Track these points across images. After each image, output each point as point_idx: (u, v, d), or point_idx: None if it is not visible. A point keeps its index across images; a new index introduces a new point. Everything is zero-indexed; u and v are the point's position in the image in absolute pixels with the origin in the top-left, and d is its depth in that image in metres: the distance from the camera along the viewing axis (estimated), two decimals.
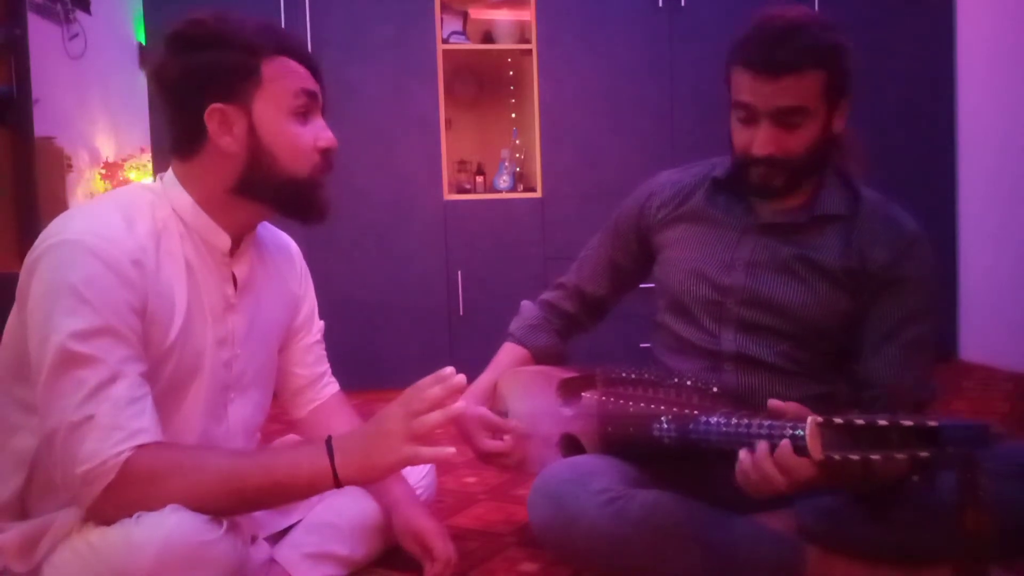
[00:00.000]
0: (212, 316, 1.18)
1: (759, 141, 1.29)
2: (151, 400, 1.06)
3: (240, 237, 1.22)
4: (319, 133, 1.18)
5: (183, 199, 1.16)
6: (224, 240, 1.18)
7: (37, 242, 1.07)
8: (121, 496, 1.01)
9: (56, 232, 1.06)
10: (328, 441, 1.10)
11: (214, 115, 1.12)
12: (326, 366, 1.48)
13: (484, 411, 1.52)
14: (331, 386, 1.48)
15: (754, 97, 1.28)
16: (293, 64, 1.16)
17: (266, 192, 1.16)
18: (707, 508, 1.27)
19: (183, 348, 1.13)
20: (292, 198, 1.17)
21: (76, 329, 1.01)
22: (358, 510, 1.38)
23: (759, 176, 1.33)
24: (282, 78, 1.14)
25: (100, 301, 1.03)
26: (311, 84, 1.18)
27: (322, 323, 1.47)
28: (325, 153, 1.18)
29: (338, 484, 1.09)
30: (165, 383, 1.12)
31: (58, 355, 1.01)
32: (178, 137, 1.17)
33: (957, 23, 3.45)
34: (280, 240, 1.40)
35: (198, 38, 1.13)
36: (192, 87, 1.12)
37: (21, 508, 1.15)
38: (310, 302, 1.44)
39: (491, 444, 1.51)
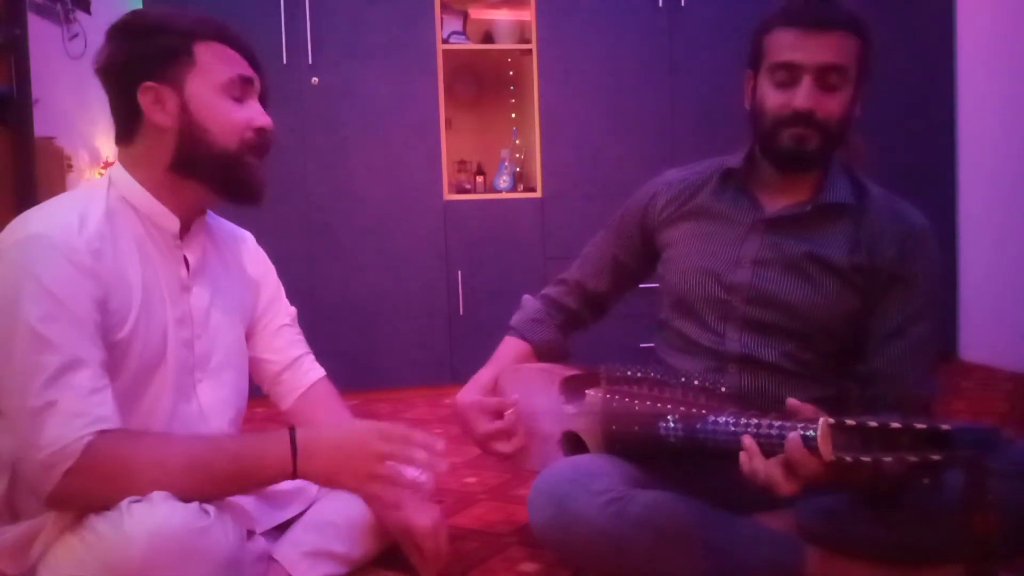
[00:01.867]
0: (169, 297, 1.21)
1: (801, 95, 1.29)
2: (111, 392, 1.08)
3: (189, 220, 1.25)
4: (254, 114, 1.21)
5: (131, 184, 1.20)
6: (173, 222, 1.21)
7: None
8: (82, 481, 1.02)
9: (13, 231, 1.10)
10: (292, 434, 1.14)
11: (147, 92, 1.16)
12: (302, 351, 1.46)
13: (479, 398, 1.52)
14: (313, 372, 1.46)
15: (800, 53, 1.29)
16: (229, 51, 1.21)
17: (200, 167, 1.19)
18: (708, 508, 1.26)
19: (146, 329, 1.16)
20: (225, 174, 1.20)
21: (39, 314, 1.04)
22: (358, 509, 1.38)
23: (793, 137, 1.32)
24: (216, 62, 1.19)
25: (64, 292, 1.06)
26: (247, 71, 1.21)
27: (293, 309, 1.47)
28: (259, 132, 1.21)
29: (296, 476, 1.14)
30: (134, 366, 1.14)
31: (20, 337, 1.03)
32: (118, 121, 1.21)
33: (957, 23, 3.45)
34: (235, 231, 1.43)
35: (134, 26, 1.19)
36: (129, 70, 1.17)
37: (11, 511, 1.16)
38: (272, 286, 1.44)
39: (491, 426, 1.50)
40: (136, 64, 1.17)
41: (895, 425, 0.93)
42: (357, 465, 1.15)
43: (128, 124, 1.20)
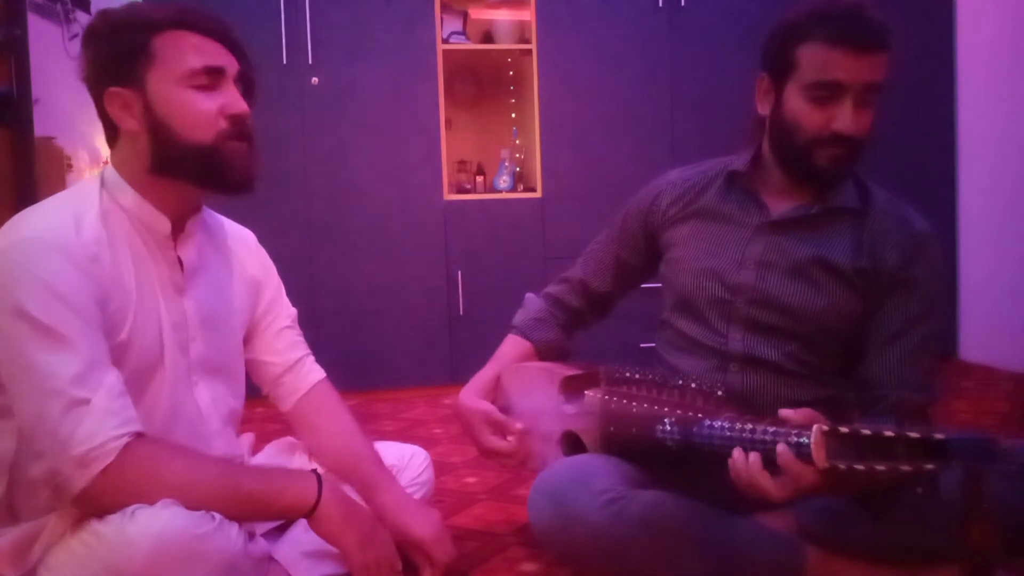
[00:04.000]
0: (164, 299, 1.20)
1: (847, 118, 1.27)
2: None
3: (181, 220, 1.23)
4: (227, 101, 1.16)
5: (121, 187, 1.18)
6: (164, 223, 1.20)
7: None
8: (117, 480, 1.02)
9: (7, 234, 1.08)
10: (319, 477, 1.18)
11: (113, 99, 1.15)
12: (303, 352, 1.45)
13: (489, 408, 1.52)
14: (314, 373, 1.45)
15: (846, 74, 1.26)
16: (194, 39, 1.15)
17: (178, 166, 1.16)
18: (707, 508, 1.26)
19: (142, 333, 1.15)
20: (203, 168, 1.16)
21: (47, 311, 1.03)
22: None
23: (830, 158, 1.30)
24: (177, 53, 1.14)
25: (68, 291, 1.05)
26: (215, 59, 1.16)
27: (294, 310, 1.46)
28: (234, 119, 1.16)
29: (309, 516, 1.17)
30: (130, 369, 1.13)
31: (28, 335, 1.02)
32: (104, 127, 1.20)
33: (957, 23, 3.45)
34: (237, 231, 1.42)
35: (99, 29, 1.17)
36: (96, 77, 1.16)
37: (10, 513, 1.15)
38: (273, 286, 1.43)
39: (495, 442, 1.50)
40: (101, 70, 1.15)
41: (888, 433, 0.93)
42: (365, 534, 1.20)
43: (109, 130, 1.19)
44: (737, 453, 1.09)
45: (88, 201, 1.15)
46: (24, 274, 1.04)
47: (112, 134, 1.20)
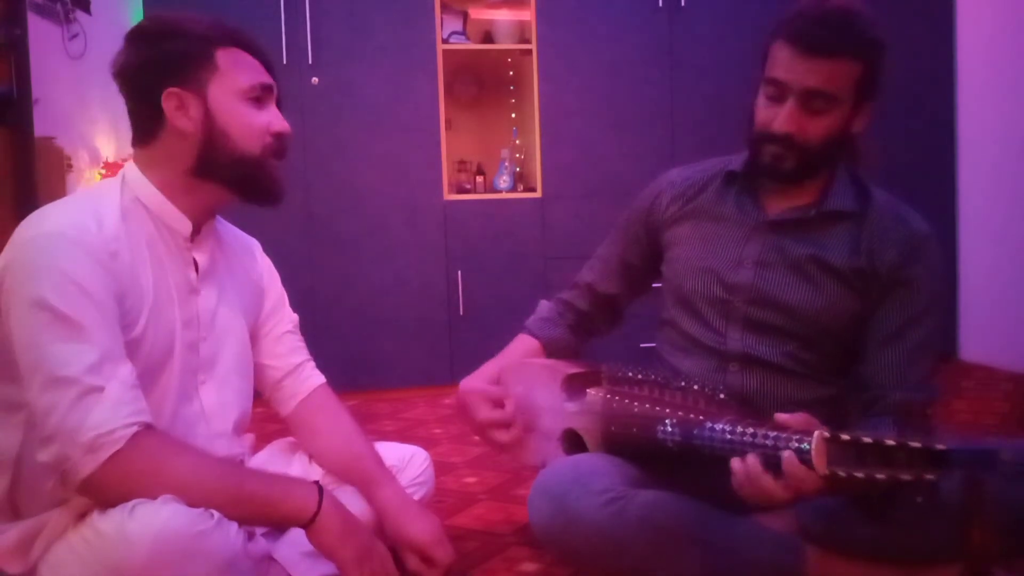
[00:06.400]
0: (178, 298, 1.22)
1: (781, 118, 1.29)
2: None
3: (200, 223, 1.26)
4: (273, 119, 1.24)
5: (145, 186, 1.21)
6: (185, 225, 1.23)
7: (11, 240, 1.10)
8: (124, 469, 1.03)
9: (30, 228, 1.10)
10: (320, 488, 1.19)
11: (171, 98, 1.18)
12: (303, 357, 1.47)
13: (483, 385, 1.52)
14: (314, 378, 1.46)
15: (787, 74, 1.28)
16: (248, 57, 1.23)
17: (222, 171, 1.21)
18: (707, 508, 1.26)
19: (155, 330, 1.17)
20: (246, 177, 1.22)
21: (67, 302, 1.05)
22: (357, 508, 1.38)
23: (771, 155, 1.32)
24: (236, 67, 1.21)
25: (88, 283, 1.07)
26: (265, 78, 1.24)
27: (295, 316, 1.48)
28: (278, 137, 1.24)
29: (308, 526, 1.17)
30: (141, 366, 1.14)
31: (48, 324, 1.04)
32: (139, 125, 1.23)
33: (957, 23, 3.45)
34: (242, 238, 1.45)
35: (156, 31, 1.21)
36: (151, 75, 1.19)
37: (12, 508, 1.16)
38: (276, 293, 1.46)
39: (492, 413, 1.50)
40: (158, 69, 1.18)
41: (890, 442, 0.93)
42: (363, 549, 1.21)
43: (147, 127, 1.21)
44: (736, 463, 1.09)
45: (109, 199, 1.17)
46: (45, 266, 1.06)
47: (148, 132, 1.21)
